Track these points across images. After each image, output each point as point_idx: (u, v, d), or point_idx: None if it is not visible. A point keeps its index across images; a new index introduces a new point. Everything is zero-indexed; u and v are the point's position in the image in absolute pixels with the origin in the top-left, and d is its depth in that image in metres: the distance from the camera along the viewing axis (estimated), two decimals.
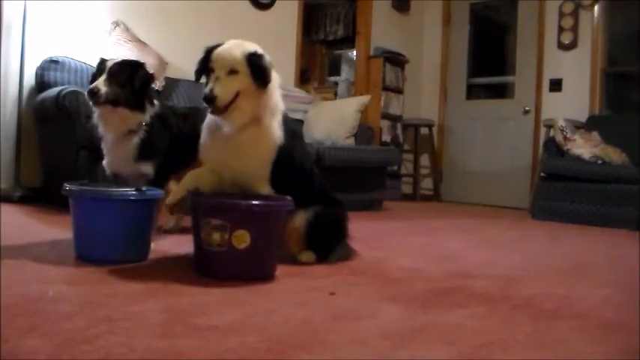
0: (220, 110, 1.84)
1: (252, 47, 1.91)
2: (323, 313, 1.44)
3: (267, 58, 1.92)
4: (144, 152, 2.15)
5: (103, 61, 2.12)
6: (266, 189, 1.94)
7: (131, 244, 1.92)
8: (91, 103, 2.06)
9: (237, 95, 1.85)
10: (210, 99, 1.81)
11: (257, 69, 1.86)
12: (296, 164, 2.04)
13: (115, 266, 1.80)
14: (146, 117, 2.14)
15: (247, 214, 1.75)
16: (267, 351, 1.12)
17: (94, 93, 2.01)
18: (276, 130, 1.96)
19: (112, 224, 1.88)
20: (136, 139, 2.13)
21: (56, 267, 1.79)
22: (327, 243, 2.12)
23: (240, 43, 1.92)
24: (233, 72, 1.84)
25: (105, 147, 2.19)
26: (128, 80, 2.08)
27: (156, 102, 2.23)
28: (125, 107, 2.09)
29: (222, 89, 1.82)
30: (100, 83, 2.03)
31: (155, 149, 2.17)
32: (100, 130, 2.17)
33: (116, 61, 2.11)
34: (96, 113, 2.13)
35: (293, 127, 2.14)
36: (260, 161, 1.94)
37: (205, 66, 1.90)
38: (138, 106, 2.12)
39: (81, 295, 1.46)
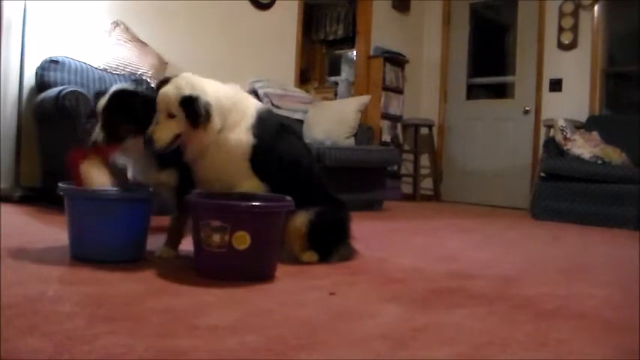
0: (163, 150, 1.89)
1: (189, 89, 1.87)
2: (323, 313, 1.44)
3: (203, 99, 1.86)
4: (162, 161, 2.06)
5: (97, 98, 2.12)
6: (252, 186, 1.96)
7: (126, 244, 1.92)
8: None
9: (180, 134, 1.89)
10: (149, 141, 1.87)
11: (190, 113, 1.85)
12: (285, 162, 2.05)
13: (114, 266, 1.80)
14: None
15: (248, 215, 1.75)
16: (267, 351, 1.12)
17: (95, 143, 1.98)
18: (241, 137, 1.96)
19: (106, 224, 1.88)
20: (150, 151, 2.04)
21: (56, 267, 1.79)
22: (330, 243, 2.13)
23: (180, 84, 1.88)
24: (171, 116, 1.87)
25: (128, 160, 2.15)
26: (124, 114, 1.99)
27: None
28: (130, 138, 2.01)
29: (160, 133, 1.87)
30: (97, 134, 1.99)
31: (174, 158, 2.06)
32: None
33: (105, 101, 2.01)
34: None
35: (279, 126, 2.12)
36: (234, 171, 1.97)
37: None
38: (143, 128, 1.99)
39: (81, 295, 1.46)
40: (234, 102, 2.00)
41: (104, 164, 1.97)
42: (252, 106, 2.06)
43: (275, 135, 2.06)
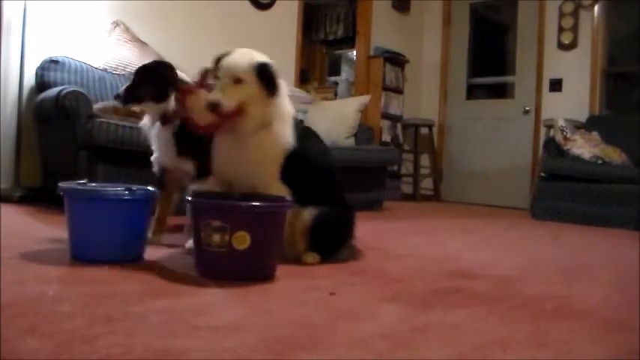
0: (224, 117, 1.88)
1: (260, 57, 1.96)
2: (323, 313, 1.44)
3: (275, 67, 1.95)
4: (183, 149, 2.23)
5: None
6: (277, 188, 1.96)
7: (125, 244, 1.92)
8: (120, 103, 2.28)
9: (242, 104, 1.89)
10: (214, 106, 1.85)
11: (266, 79, 1.91)
12: (309, 165, 2.05)
13: (114, 266, 1.80)
14: (171, 104, 2.21)
15: (247, 215, 1.75)
16: (267, 351, 1.12)
17: (118, 96, 2.22)
18: (286, 135, 1.98)
19: (106, 224, 1.88)
20: (170, 130, 2.22)
21: (56, 267, 1.79)
22: (332, 244, 2.12)
23: (248, 52, 1.97)
24: (238, 81, 1.89)
25: (152, 143, 2.32)
26: (147, 79, 2.21)
27: None
28: (148, 101, 2.21)
29: (229, 98, 1.87)
30: (121, 89, 2.22)
31: (194, 147, 2.20)
32: (145, 127, 2.33)
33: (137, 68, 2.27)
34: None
35: (308, 130, 2.17)
36: (269, 165, 1.97)
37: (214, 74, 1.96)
38: (160, 97, 2.21)
39: (81, 295, 1.46)
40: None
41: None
42: (290, 108, 2.06)
43: (304, 140, 2.06)
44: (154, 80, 2.22)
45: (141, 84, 2.21)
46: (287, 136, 1.98)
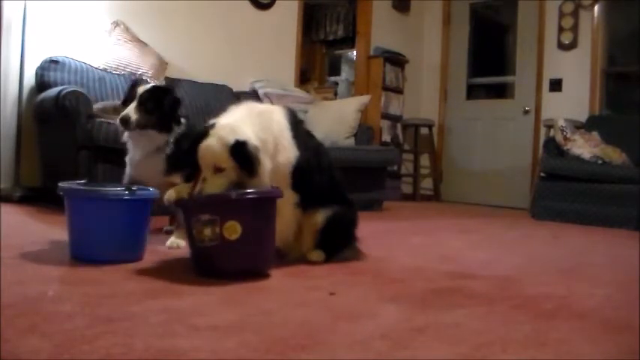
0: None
1: (232, 136, 1.76)
2: (323, 313, 1.44)
3: (251, 143, 1.77)
4: (172, 166, 2.22)
5: (134, 86, 2.28)
6: (287, 197, 1.94)
7: (125, 244, 1.93)
8: (122, 128, 2.24)
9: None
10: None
11: (242, 160, 1.76)
12: (315, 172, 2.06)
13: (114, 266, 1.80)
14: (171, 137, 2.26)
15: (235, 204, 1.75)
16: (267, 351, 1.12)
17: (125, 121, 2.18)
18: (289, 155, 1.95)
19: (106, 224, 1.89)
20: (162, 156, 2.26)
21: (56, 267, 1.79)
22: (339, 243, 2.15)
23: (222, 134, 1.77)
24: (219, 169, 1.76)
25: (131, 161, 2.33)
26: (157, 106, 2.22)
27: (183, 120, 2.35)
28: (153, 130, 2.24)
29: (211, 191, 1.75)
30: (131, 111, 2.19)
31: (183, 163, 2.16)
32: (129, 147, 2.32)
33: (147, 88, 2.24)
34: (126, 135, 2.33)
35: (309, 140, 2.13)
36: (280, 184, 1.93)
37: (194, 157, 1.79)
38: (165, 128, 2.26)
39: (81, 295, 1.46)
40: (270, 130, 1.92)
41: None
42: (281, 120, 2.00)
43: (307, 151, 2.05)
44: (163, 108, 2.21)
45: (149, 111, 2.19)
46: (286, 157, 1.95)
